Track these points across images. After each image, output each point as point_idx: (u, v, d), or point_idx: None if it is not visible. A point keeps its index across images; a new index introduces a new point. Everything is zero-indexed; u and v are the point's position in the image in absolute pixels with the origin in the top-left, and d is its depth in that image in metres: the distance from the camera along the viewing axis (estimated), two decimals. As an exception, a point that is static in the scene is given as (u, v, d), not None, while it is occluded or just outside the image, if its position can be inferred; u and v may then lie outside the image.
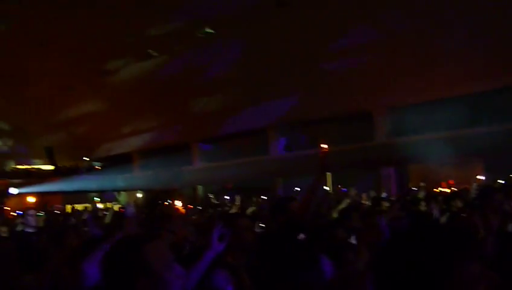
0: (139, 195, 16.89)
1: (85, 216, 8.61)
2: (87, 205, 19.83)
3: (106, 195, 29.46)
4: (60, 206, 21.28)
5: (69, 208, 22.27)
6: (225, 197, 18.40)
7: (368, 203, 10.67)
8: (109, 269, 1.98)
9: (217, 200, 18.68)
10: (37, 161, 37.84)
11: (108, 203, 27.29)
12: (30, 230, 7.51)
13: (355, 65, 20.32)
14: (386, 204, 8.60)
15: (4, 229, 8.35)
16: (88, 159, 37.63)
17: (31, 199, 27.23)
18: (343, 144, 20.67)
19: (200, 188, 30.78)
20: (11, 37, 23.67)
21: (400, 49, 19.37)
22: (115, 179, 31.57)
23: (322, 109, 23.22)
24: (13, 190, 20.74)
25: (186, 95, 26.00)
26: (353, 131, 23.74)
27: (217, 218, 4.97)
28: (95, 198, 24.77)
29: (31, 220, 7.90)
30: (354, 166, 21.75)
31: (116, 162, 33.86)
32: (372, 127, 23.58)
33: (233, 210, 10.06)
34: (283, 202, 4.69)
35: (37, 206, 16.49)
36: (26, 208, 15.31)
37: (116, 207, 13.31)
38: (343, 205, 8.55)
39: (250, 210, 10.96)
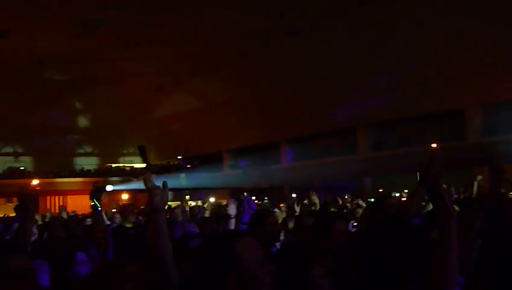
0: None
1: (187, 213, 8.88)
2: (178, 202, 20.36)
3: (198, 193, 30.14)
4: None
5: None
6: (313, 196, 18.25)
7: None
8: (200, 266, 2.00)
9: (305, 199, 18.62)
10: (130, 159, 39.34)
11: (199, 202, 27.97)
12: (128, 225, 7.90)
13: (446, 63, 19.74)
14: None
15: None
16: (180, 157, 38.67)
17: (125, 196, 28.42)
18: (434, 143, 20.12)
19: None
20: (107, 40, 24.78)
21: (492, 46, 18.65)
22: (205, 178, 32.28)
23: (412, 107, 22.71)
24: (109, 187, 21.68)
25: (276, 94, 26.18)
26: (445, 130, 23.07)
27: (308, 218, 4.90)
28: (186, 196, 25.33)
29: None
30: (446, 166, 21.07)
31: (206, 161, 34.63)
32: (464, 125, 22.83)
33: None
34: (381, 200, 4.70)
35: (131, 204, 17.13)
36: (122, 204, 16.02)
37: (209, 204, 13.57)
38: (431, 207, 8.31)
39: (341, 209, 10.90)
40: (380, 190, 18.57)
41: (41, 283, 4.04)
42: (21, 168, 34.23)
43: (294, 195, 20.96)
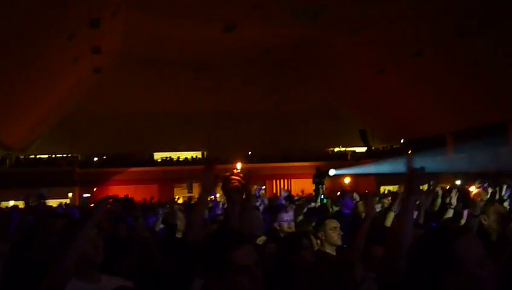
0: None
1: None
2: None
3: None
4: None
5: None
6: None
7: None
8: (415, 261, 1.95)
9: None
10: (350, 143, 39.89)
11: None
12: (347, 211, 7.87)
13: None
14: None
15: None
16: (403, 141, 38.27)
17: (347, 180, 29.09)
18: None
19: None
20: (327, 26, 25.68)
21: None
22: (428, 162, 31.58)
23: None
24: (332, 171, 22.36)
25: (502, 72, 24.72)
26: None
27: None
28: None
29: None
30: None
31: (428, 145, 33.84)
32: None
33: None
34: None
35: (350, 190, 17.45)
36: (342, 189, 16.48)
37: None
38: None
39: None
40: None
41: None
42: (249, 153, 36.71)
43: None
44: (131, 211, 4.03)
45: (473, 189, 7.35)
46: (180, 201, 22.95)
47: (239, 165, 3.31)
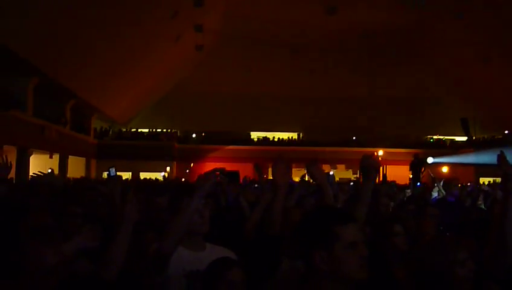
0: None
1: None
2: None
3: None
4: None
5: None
6: None
7: None
8: None
9: None
10: (450, 131, 38.76)
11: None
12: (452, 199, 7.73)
13: None
14: None
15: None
16: (507, 132, 36.75)
17: (445, 169, 28.43)
18: None
19: None
20: (433, 12, 25.07)
21: None
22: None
23: None
24: (430, 159, 21.91)
25: None
26: None
27: None
28: None
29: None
30: None
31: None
32: None
33: None
34: None
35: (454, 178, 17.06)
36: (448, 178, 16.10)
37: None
38: None
39: None
40: None
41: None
42: (353, 138, 36.63)
43: None
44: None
45: None
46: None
47: (381, 152, 3.36)
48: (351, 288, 2.05)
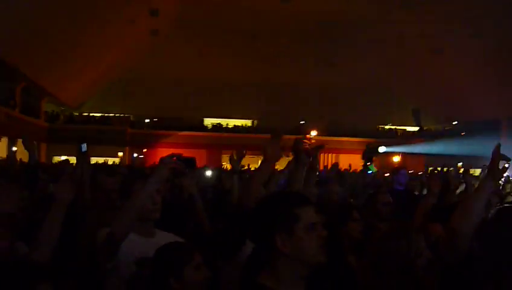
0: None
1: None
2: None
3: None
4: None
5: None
6: None
7: None
8: (487, 243, 2.05)
9: None
10: (402, 121, 39.47)
11: (473, 170, 27.24)
12: (400, 188, 7.72)
13: None
14: None
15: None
16: (456, 123, 37.66)
17: (396, 159, 28.92)
18: None
19: None
20: (385, 1, 25.38)
21: None
22: (480, 146, 31.05)
23: None
24: (381, 149, 22.22)
25: None
26: None
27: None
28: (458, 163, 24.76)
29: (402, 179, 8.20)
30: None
31: (482, 128, 33.19)
32: None
33: None
34: None
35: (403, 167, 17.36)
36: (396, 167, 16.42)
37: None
38: None
39: None
40: None
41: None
42: (301, 122, 36.78)
43: None
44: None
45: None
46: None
47: (314, 133, 3.40)
48: (309, 271, 2.07)
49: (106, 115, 36.74)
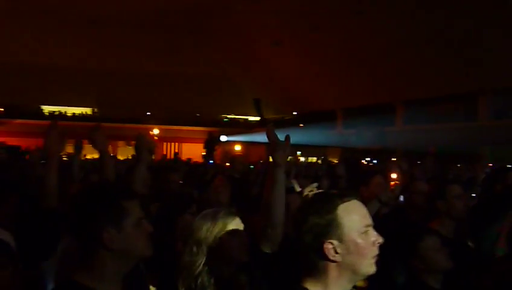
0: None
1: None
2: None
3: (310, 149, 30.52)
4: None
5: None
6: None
7: None
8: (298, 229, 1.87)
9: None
10: (244, 111, 40.39)
11: (311, 158, 28.68)
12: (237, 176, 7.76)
13: None
14: None
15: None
16: (295, 113, 39.19)
17: (237, 148, 29.60)
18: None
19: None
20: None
21: None
22: (318, 135, 32.69)
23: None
24: (223, 138, 22.61)
25: (395, 54, 25.86)
26: None
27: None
28: (297, 152, 25.87)
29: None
30: None
31: (320, 118, 34.88)
32: None
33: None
34: (502, 171, 4.79)
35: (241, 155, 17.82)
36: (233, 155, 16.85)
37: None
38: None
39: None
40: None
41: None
42: (147, 113, 36.44)
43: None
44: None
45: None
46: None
47: (156, 131, 3.36)
48: (134, 264, 2.01)
49: None
